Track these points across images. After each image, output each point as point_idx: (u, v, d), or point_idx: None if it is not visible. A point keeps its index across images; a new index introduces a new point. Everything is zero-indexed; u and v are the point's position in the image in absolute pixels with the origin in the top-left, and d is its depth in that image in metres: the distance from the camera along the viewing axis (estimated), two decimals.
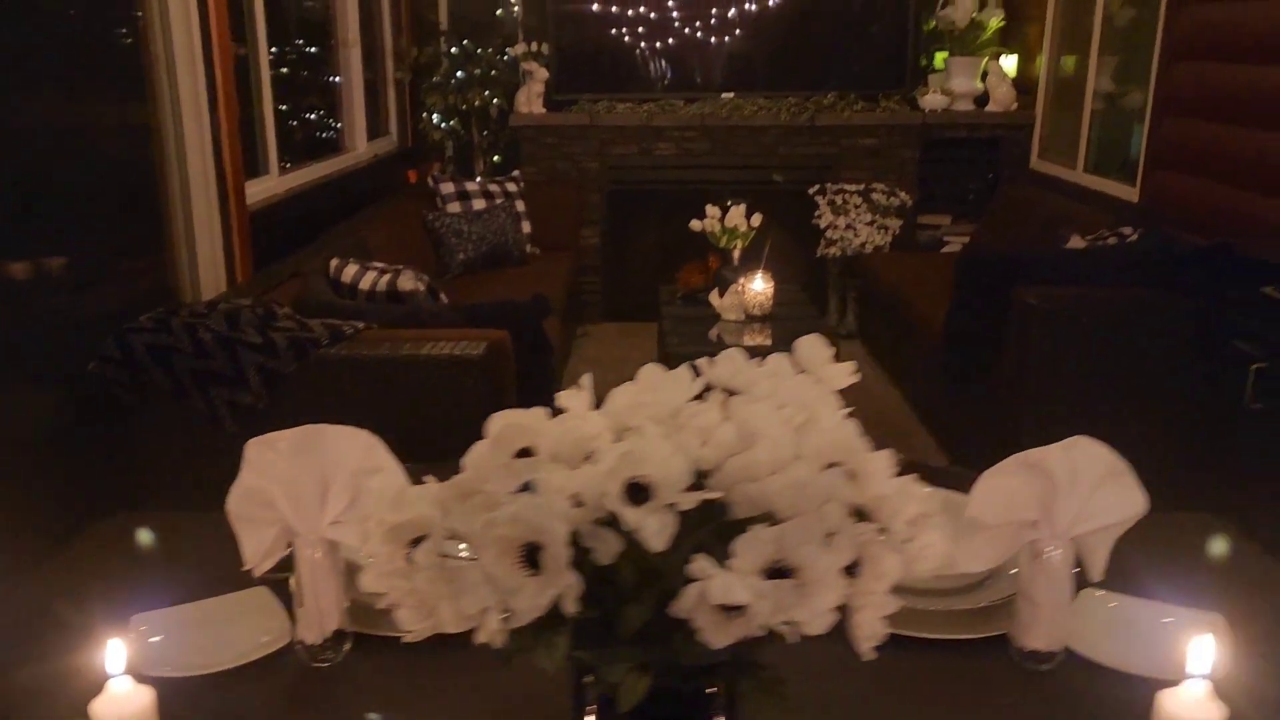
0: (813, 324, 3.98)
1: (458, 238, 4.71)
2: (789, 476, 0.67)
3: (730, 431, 0.73)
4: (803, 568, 0.64)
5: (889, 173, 5.54)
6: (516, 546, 0.63)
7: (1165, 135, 4.04)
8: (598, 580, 0.68)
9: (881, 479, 0.68)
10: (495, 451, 0.68)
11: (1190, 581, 1.34)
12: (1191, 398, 2.97)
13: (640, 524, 0.62)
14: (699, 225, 4.10)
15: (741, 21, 5.49)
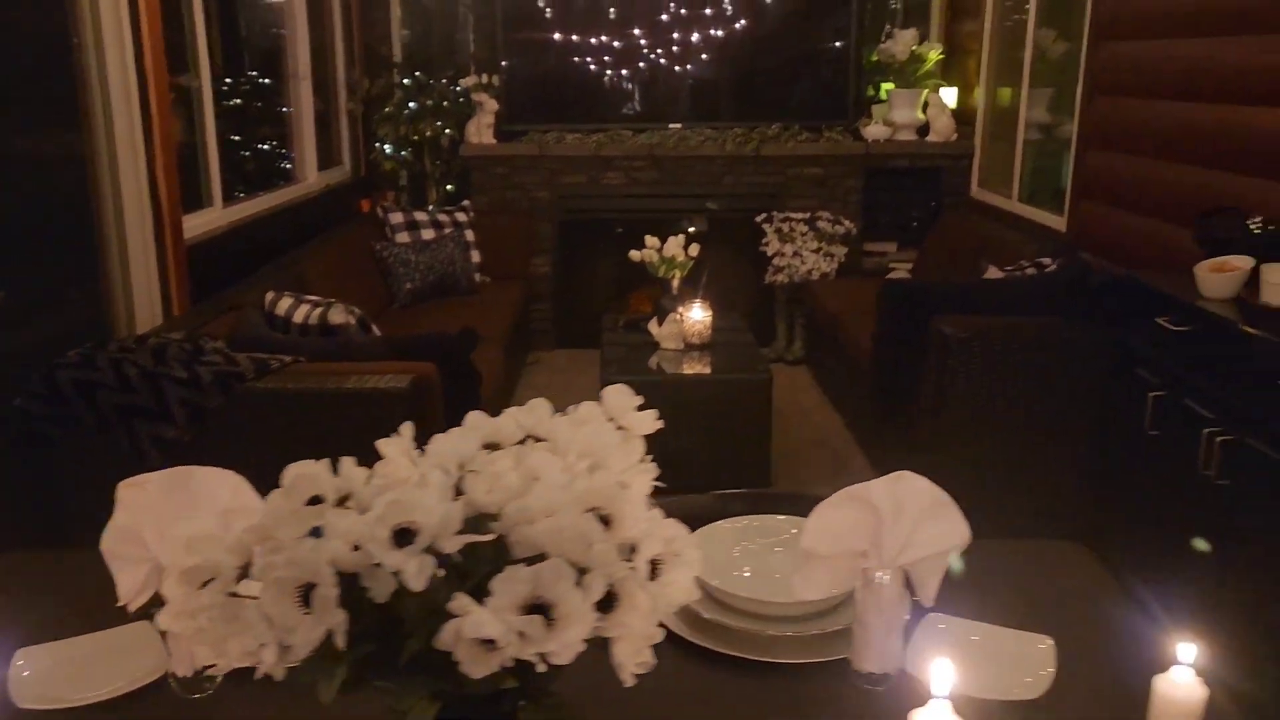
0: (751, 352, 4.07)
1: (405, 268, 4.77)
2: (552, 520, 0.74)
3: (514, 478, 0.80)
4: (556, 604, 0.71)
5: (834, 201, 5.66)
6: (294, 587, 0.69)
7: (1089, 167, 4.18)
8: (382, 615, 0.75)
9: (634, 522, 0.75)
10: (287, 499, 0.75)
11: (1038, 606, 1.41)
12: (1101, 424, 3.07)
13: (401, 566, 0.69)
14: (638, 255, 4.19)
15: (688, 54, 5.60)
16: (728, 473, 3.85)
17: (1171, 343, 2.64)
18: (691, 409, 3.77)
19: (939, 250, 5.15)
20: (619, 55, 5.61)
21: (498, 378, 3.98)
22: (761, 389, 3.77)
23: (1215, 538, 2.47)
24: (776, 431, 4.51)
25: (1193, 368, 2.56)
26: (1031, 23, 4.84)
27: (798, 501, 1.76)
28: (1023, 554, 1.61)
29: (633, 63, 5.62)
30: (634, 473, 0.85)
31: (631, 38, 5.58)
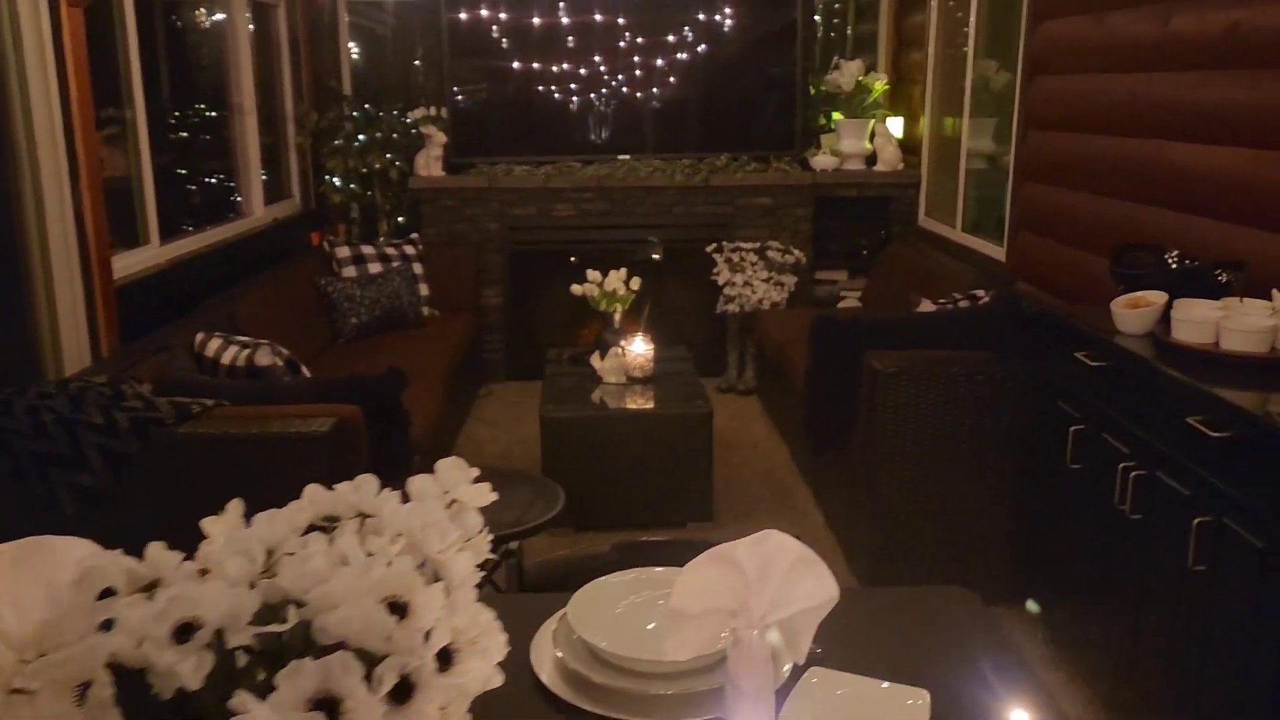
0: (693, 385, 4.08)
1: (350, 303, 4.75)
2: (347, 608, 0.73)
3: (320, 562, 0.79)
4: (344, 698, 0.70)
5: (784, 231, 5.70)
6: (72, 686, 0.68)
7: (1025, 198, 4.23)
8: (176, 712, 0.73)
9: (430, 612, 0.75)
10: (77, 592, 0.74)
11: (921, 656, 1.42)
12: (1029, 457, 3.10)
13: (175, 664, 0.68)
14: (579, 289, 4.19)
15: (637, 86, 5.64)
16: (670, 507, 3.85)
17: (1090, 378, 2.67)
18: (632, 443, 3.77)
19: (885, 279, 5.20)
20: (567, 87, 5.64)
21: (438, 414, 3.97)
22: (702, 423, 3.77)
23: (1132, 572, 2.49)
24: (724, 463, 4.53)
25: (1110, 402, 2.59)
26: (971, 54, 4.91)
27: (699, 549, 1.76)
28: (911, 601, 1.62)
29: (581, 95, 5.65)
30: (455, 552, 0.84)
31: (580, 70, 5.62)
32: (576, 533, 3.83)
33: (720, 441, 4.78)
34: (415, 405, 3.74)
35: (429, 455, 3.77)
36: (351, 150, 5.67)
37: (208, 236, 4.56)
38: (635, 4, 5.56)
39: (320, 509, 0.92)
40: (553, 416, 3.74)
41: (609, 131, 5.69)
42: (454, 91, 5.57)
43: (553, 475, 3.74)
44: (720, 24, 5.60)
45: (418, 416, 3.67)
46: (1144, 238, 3.22)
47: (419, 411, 3.73)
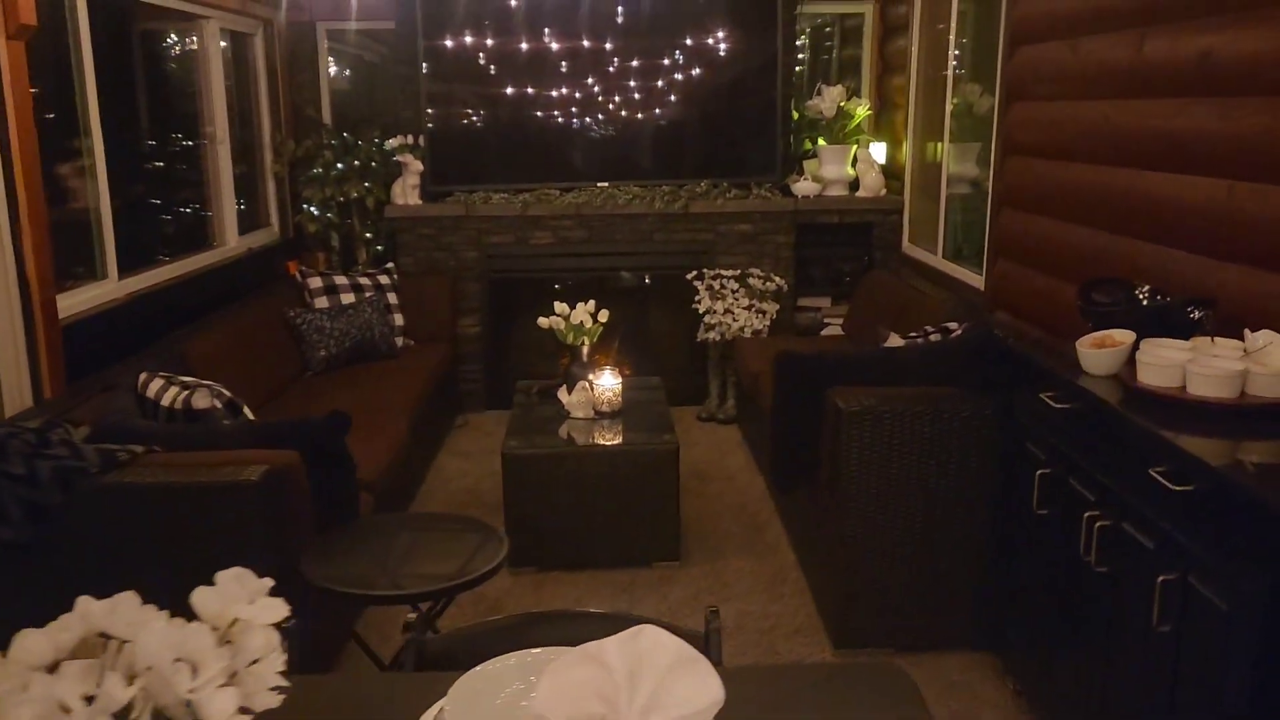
0: (662, 419, 3.97)
1: (319, 334, 4.66)
2: None
3: None
4: None
5: (765, 258, 5.60)
6: None
7: (1003, 226, 4.13)
8: None
9: None
10: None
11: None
12: (997, 501, 2.98)
13: None
14: (546, 322, 4.09)
15: (615, 113, 5.56)
16: (636, 546, 3.73)
17: (1056, 420, 2.55)
18: (596, 481, 3.66)
19: (865, 307, 5.09)
20: (546, 114, 5.56)
21: (400, 449, 3.86)
22: (667, 460, 3.66)
23: (1099, 626, 2.36)
24: (698, 495, 4.42)
25: (1076, 447, 2.47)
26: (951, 78, 4.82)
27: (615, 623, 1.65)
28: (837, 678, 1.50)
29: (559, 122, 5.57)
30: (216, 689, 0.74)
31: (558, 97, 5.54)
32: (540, 572, 3.72)
33: (696, 472, 4.68)
34: (375, 441, 3.65)
35: (389, 495, 3.68)
36: (329, 179, 5.60)
37: (174, 268, 4.48)
38: (615, 31, 5.49)
39: (92, 624, 0.82)
40: (514, 454, 3.64)
41: (588, 158, 5.60)
42: (430, 119, 5.49)
43: (515, 513, 3.64)
44: (700, 50, 5.53)
45: (377, 453, 3.58)
46: (1120, 270, 3.12)
47: (379, 448, 3.63)
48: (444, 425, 5.25)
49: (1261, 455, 2.03)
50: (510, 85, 5.53)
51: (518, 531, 3.68)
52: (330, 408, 4.11)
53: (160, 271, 4.35)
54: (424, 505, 4.37)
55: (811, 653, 3.19)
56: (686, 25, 5.48)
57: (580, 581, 3.67)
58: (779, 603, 3.50)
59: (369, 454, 3.56)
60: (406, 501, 4.20)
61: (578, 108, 5.54)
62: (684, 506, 4.30)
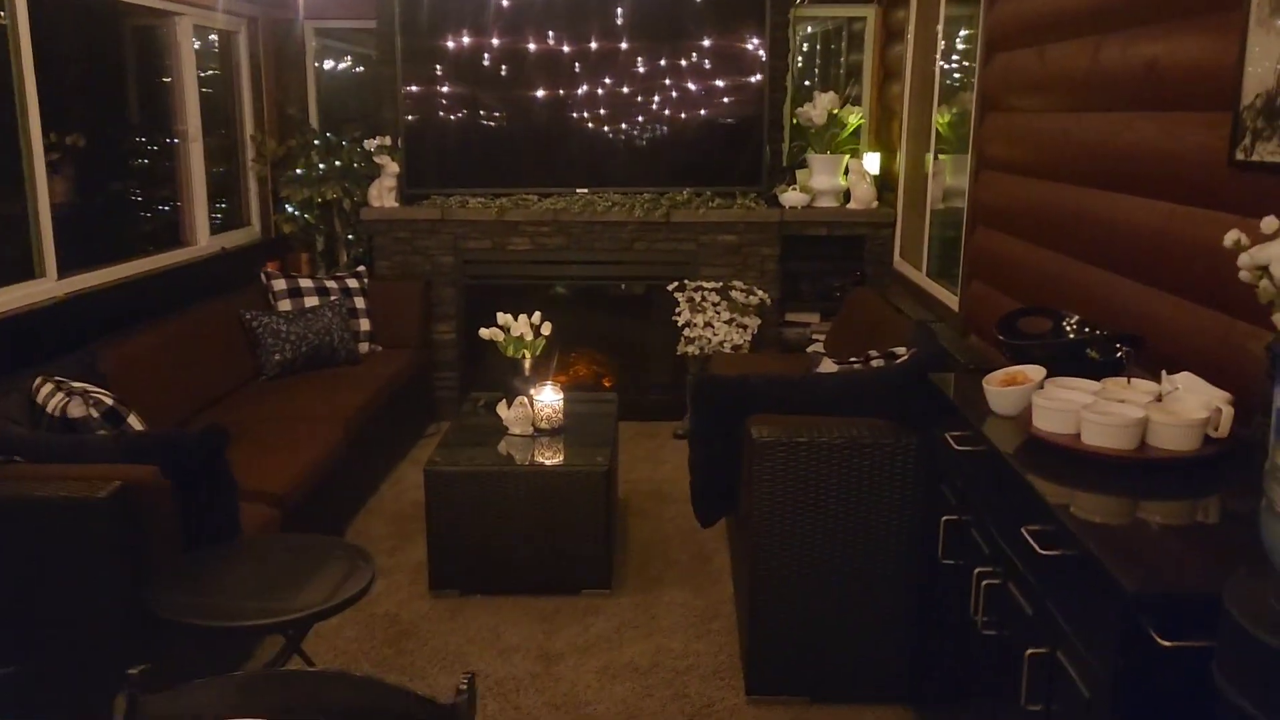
0: (605, 439, 3.79)
1: (274, 338, 4.57)
2: None
3: None
4: None
5: (750, 270, 5.40)
6: None
7: (977, 244, 3.88)
8: None
9: None
10: None
11: None
12: (914, 543, 2.75)
13: None
14: (487, 334, 3.94)
15: (596, 117, 5.40)
16: (564, 572, 3.56)
17: (961, 462, 2.33)
18: (523, 502, 3.50)
19: (847, 325, 4.85)
20: (525, 118, 5.42)
21: (327, 460, 3.74)
22: (597, 481, 3.48)
23: (986, 692, 2.13)
24: (653, 517, 4.24)
25: (977, 494, 2.24)
26: (937, 85, 4.57)
27: (340, 685, 1.49)
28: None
29: (539, 126, 5.42)
30: None
31: (538, 101, 5.39)
32: (461, 596, 3.57)
33: (655, 493, 4.49)
34: (297, 452, 3.54)
35: (310, 510, 3.55)
36: (309, 179, 5.53)
37: (127, 267, 4.42)
38: (597, 33, 5.32)
39: None
40: (436, 470, 3.49)
41: (567, 164, 5.44)
42: (407, 119, 5.38)
43: (437, 532, 3.50)
44: (685, 53, 5.33)
45: (293, 465, 3.46)
46: (1074, 297, 2.87)
47: (298, 459, 3.52)
48: (411, 434, 5.13)
49: (1149, 515, 1.79)
50: (489, 87, 5.40)
51: (440, 552, 3.53)
52: (270, 414, 4.03)
53: (111, 271, 4.29)
54: (366, 519, 4.25)
55: (723, 697, 2.99)
56: (671, 28, 5.29)
57: (501, 608, 3.51)
58: (703, 640, 3.30)
59: (284, 466, 3.44)
60: (340, 515, 4.08)
61: (558, 111, 5.39)
62: (633, 530, 4.13)
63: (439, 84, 5.41)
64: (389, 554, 3.92)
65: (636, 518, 4.27)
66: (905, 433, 2.75)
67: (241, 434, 3.72)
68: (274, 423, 3.88)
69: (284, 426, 3.83)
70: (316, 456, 3.64)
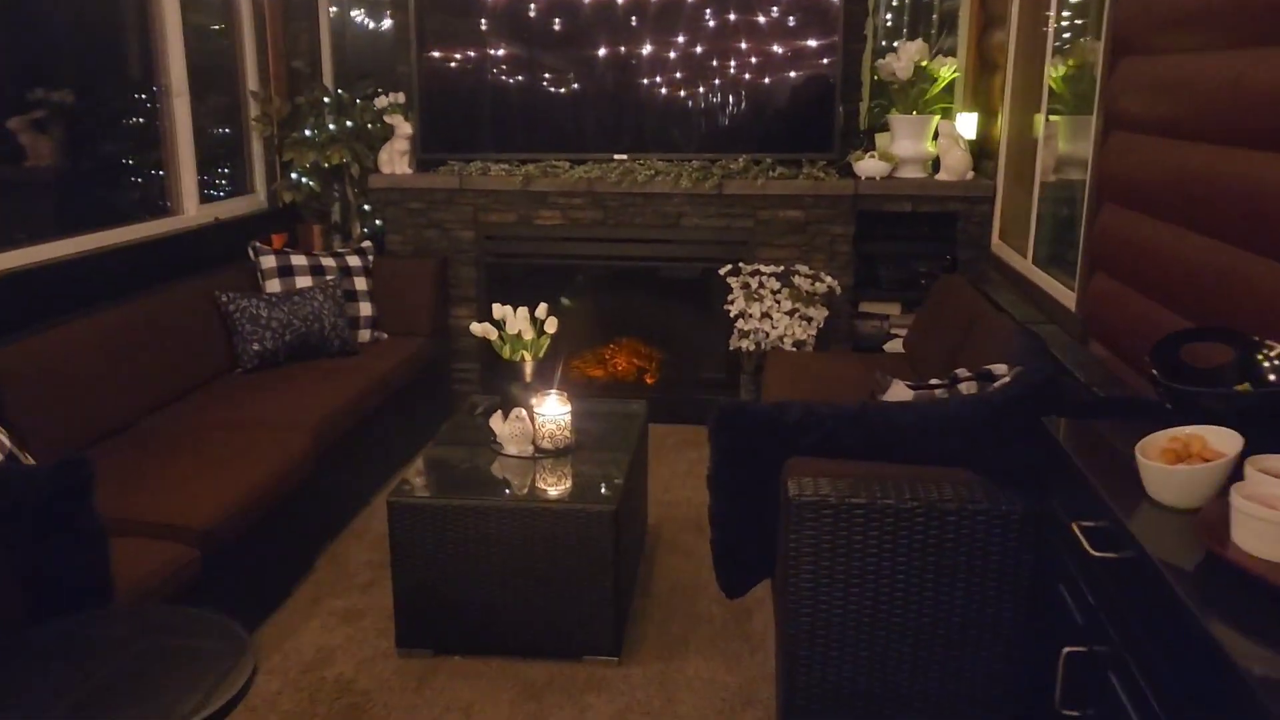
0: (617, 464, 3.05)
1: (253, 325, 3.93)
2: None
3: None
4: None
5: (817, 252, 4.59)
6: None
7: (1104, 227, 3.01)
8: None
9: None
10: None
11: None
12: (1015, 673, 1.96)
13: None
14: (480, 330, 3.22)
15: (636, 71, 4.62)
16: (565, 633, 2.85)
17: (1096, 571, 1.53)
18: (512, 544, 2.80)
19: (932, 321, 4.02)
20: (555, 73, 4.67)
21: (283, 479, 3.08)
22: (603, 525, 2.75)
23: None
24: (684, 554, 3.51)
25: (1123, 620, 1.45)
26: (1052, 29, 3.68)
27: None
28: None
29: (571, 82, 4.67)
30: None
31: (569, 53, 4.63)
32: (434, 656, 2.89)
33: (697, 522, 3.76)
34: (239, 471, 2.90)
35: (246, 551, 2.90)
36: (314, 142, 4.88)
37: (94, 240, 3.83)
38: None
39: None
40: (402, 502, 2.80)
41: (603, 125, 4.68)
42: (421, 74, 4.69)
43: (405, 578, 2.82)
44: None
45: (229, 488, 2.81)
46: (1244, 305, 2.03)
47: (236, 480, 2.87)
48: (420, 434, 4.46)
49: None
50: (515, 38, 4.65)
51: (408, 602, 2.86)
52: (227, 418, 3.39)
53: (64, 245, 3.70)
54: (345, 543, 3.60)
55: None
56: None
57: (482, 674, 2.81)
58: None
59: (217, 490, 2.79)
60: (303, 546, 3.42)
61: (592, 64, 4.62)
62: (660, 570, 3.40)
63: (458, 33, 4.69)
64: (362, 590, 3.26)
65: (666, 553, 3.54)
66: (1007, 498, 1.96)
67: (179, 447, 3.09)
68: (226, 430, 3.24)
69: (237, 436, 3.19)
70: (267, 476, 2.99)
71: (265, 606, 3.10)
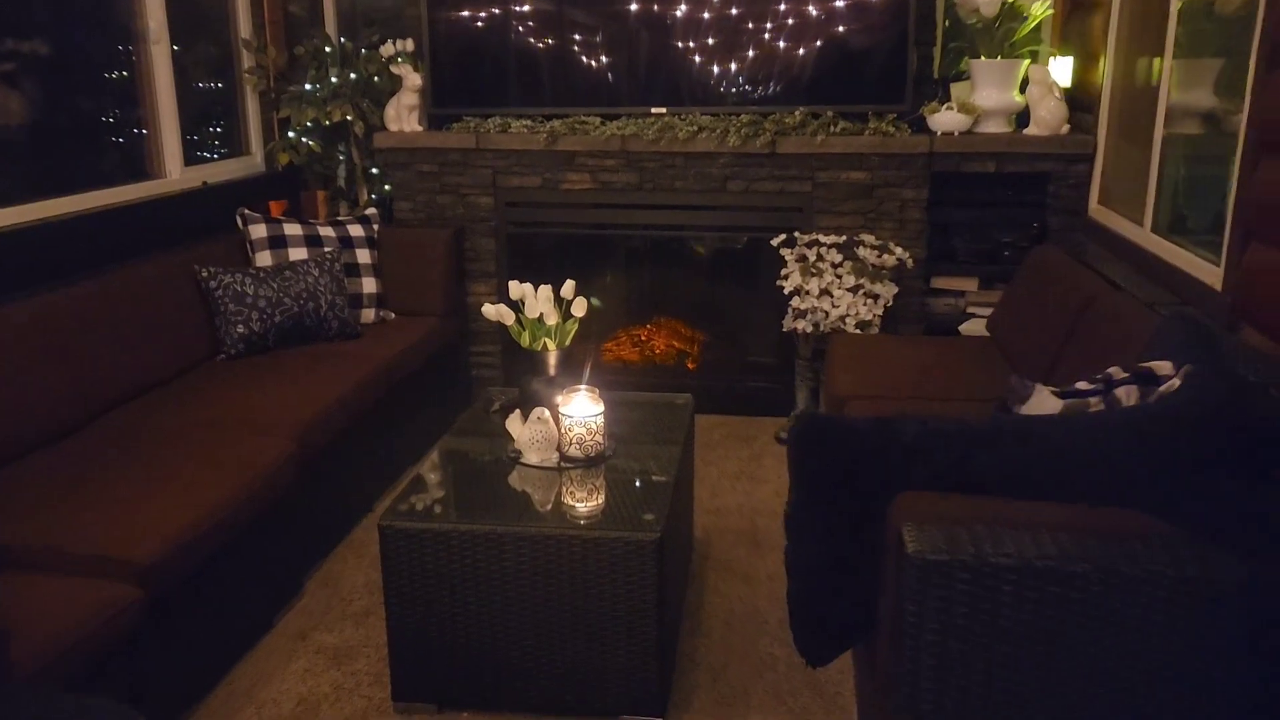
0: (666, 479, 2.51)
1: (237, 303, 3.41)
2: None
3: None
4: None
5: (885, 220, 4.00)
6: None
7: (1264, 186, 2.41)
8: None
9: None
10: None
11: None
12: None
13: None
14: (492, 311, 2.67)
15: (675, 12, 4.02)
16: (595, 684, 2.32)
17: None
18: (531, 581, 2.26)
19: (1025, 300, 3.44)
20: (584, 14, 4.09)
21: (257, 493, 2.56)
22: (644, 556, 2.21)
23: None
24: (743, 578, 2.97)
25: None
26: None
27: None
28: None
29: (601, 26, 4.08)
30: None
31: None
32: (439, 712, 2.36)
33: (751, 536, 3.22)
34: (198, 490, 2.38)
35: (201, 588, 2.39)
36: (315, 98, 4.34)
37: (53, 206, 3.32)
38: None
39: None
40: (395, 527, 2.27)
41: (638, 76, 4.10)
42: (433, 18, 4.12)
43: (401, 620, 2.31)
44: None
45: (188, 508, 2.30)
46: None
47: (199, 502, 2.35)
48: (433, 426, 3.94)
49: None
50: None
51: (405, 649, 2.33)
52: (198, 417, 2.88)
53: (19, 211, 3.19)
54: (340, 560, 3.09)
55: None
56: None
57: None
58: None
59: (168, 513, 2.28)
60: (299, 560, 2.91)
61: (622, 7, 4.03)
62: (711, 598, 2.86)
63: None
64: (357, 621, 2.75)
65: (717, 575, 3.00)
66: (1218, 559, 1.39)
67: (134, 453, 2.58)
68: (197, 431, 2.73)
69: (208, 438, 2.68)
70: (237, 490, 2.47)
71: (237, 646, 2.59)
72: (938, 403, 2.99)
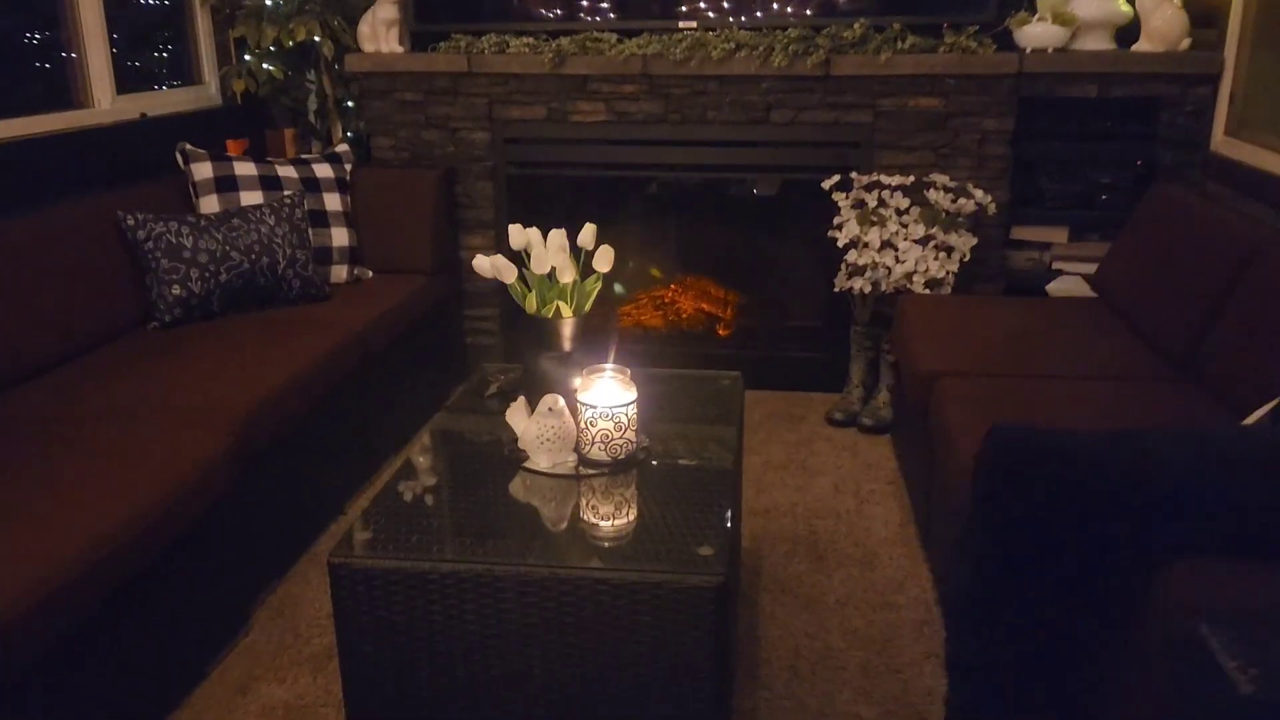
0: (725, 472, 1.87)
1: (173, 259, 2.76)
2: None
3: None
4: None
5: (961, 156, 3.34)
6: None
7: None
8: None
9: None
10: None
11: None
12: None
13: None
14: (486, 265, 2.01)
15: None
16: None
17: None
18: (542, 640, 1.63)
19: (1145, 254, 2.78)
20: None
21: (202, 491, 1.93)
22: (700, 604, 1.58)
23: None
24: (807, 601, 2.33)
25: None
26: None
27: None
28: None
29: None
30: None
31: None
32: None
33: (811, 542, 2.60)
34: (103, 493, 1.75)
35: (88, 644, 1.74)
36: (276, 14, 3.65)
37: None
38: None
39: None
40: (348, 565, 1.64)
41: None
42: None
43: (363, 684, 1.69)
44: None
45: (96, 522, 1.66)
46: None
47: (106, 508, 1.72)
48: (421, 405, 3.30)
49: None
50: None
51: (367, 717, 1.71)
52: (113, 402, 2.24)
53: None
54: (299, 579, 2.46)
55: None
56: None
57: None
58: None
59: (50, 538, 1.64)
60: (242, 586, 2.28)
61: None
62: (769, 633, 2.24)
63: None
64: (315, 668, 2.13)
65: (774, 598, 2.37)
66: None
67: (19, 455, 1.95)
68: (107, 422, 2.10)
69: (120, 431, 2.05)
70: (143, 506, 1.83)
71: (152, 709, 1.97)
72: (1060, 381, 2.35)
